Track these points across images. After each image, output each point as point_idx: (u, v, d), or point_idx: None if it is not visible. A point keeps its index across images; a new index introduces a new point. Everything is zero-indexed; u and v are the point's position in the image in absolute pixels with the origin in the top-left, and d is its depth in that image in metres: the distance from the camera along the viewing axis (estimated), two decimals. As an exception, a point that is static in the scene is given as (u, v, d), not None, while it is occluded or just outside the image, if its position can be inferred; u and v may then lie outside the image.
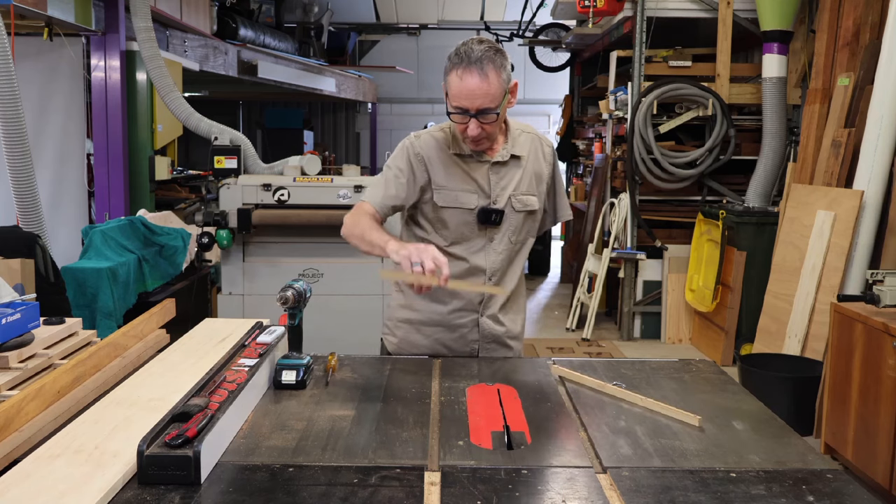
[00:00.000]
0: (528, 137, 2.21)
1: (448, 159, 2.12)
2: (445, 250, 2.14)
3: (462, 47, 1.98)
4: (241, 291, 4.25)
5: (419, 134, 2.20)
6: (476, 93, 1.95)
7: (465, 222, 2.13)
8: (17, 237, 3.55)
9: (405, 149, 2.16)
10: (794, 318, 4.55)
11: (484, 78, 1.94)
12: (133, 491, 1.28)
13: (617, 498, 1.31)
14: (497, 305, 2.21)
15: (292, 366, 1.83)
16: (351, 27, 13.14)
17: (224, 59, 7.84)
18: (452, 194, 2.11)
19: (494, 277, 2.18)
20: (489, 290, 2.14)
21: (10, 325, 1.90)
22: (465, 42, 2.00)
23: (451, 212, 2.12)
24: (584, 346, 5.95)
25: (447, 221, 2.13)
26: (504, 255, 2.17)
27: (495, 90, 1.96)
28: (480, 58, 1.94)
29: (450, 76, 1.98)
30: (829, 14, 4.97)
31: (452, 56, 1.99)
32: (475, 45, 1.97)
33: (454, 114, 2.01)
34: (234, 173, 4.39)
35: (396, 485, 1.33)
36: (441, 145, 2.14)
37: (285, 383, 1.81)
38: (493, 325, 2.22)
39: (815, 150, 4.94)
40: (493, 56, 1.96)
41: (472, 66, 1.94)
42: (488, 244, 2.15)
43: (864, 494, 1.34)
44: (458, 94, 1.97)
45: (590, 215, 6.85)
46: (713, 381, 1.96)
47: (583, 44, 7.73)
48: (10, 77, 3.82)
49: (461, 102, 1.98)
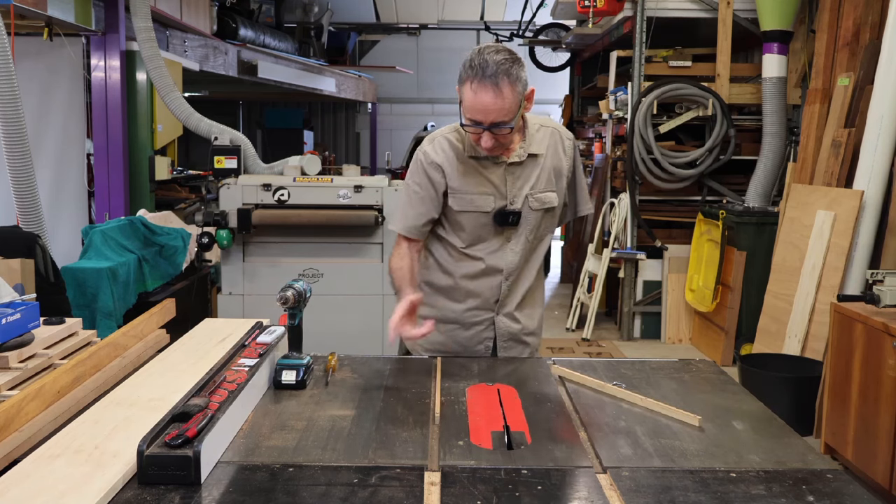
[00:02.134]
0: (547, 132, 2.16)
1: (464, 162, 2.09)
2: (462, 251, 2.15)
3: (477, 58, 1.91)
4: (241, 291, 4.25)
5: (433, 138, 2.15)
6: (490, 108, 1.91)
7: (481, 225, 2.11)
8: (17, 237, 3.55)
9: (419, 163, 2.13)
10: (794, 318, 4.55)
11: (498, 93, 1.90)
12: (133, 491, 1.28)
13: (617, 498, 1.31)
14: (514, 304, 2.20)
15: (292, 366, 1.83)
16: (351, 27, 13.14)
17: (224, 59, 7.84)
18: (468, 198, 2.09)
19: (511, 276, 2.17)
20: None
21: (10, 325, 1.90)
22: (481, 51, 1.93)
23: (468, 215, 2.11)
24: (584, 346, 5.95)
25: (464, 224, 2.12)
26: (521, 254, 2.16)
27: (510, 104, 1.92)
28: (496, 72, 1.88)
29: (464, 87, 1.94)
30: (829, 14, 4.97)
31: (467, 66, 1.93)
32: (490, 55, 1.91)
33: (468, 125, 1.97)
34: (234, 173, 4.38)
35: (396, 485, 1.33)
36: (456, 148, 2.11)
37: (285, 383, 1.81)
38: (510, 322, 2.21)
39: (815, 150, 4.94)
40: (508, 69, 1.90)
41: (486, 81, 1.89)
42: (505, 244, 2.14)
43: (864, 494, 1.34)
44: (472, 108, 1.94)
45: (590, 215, 6.85)
46: (713, 381, 1.96)
47: (583, 44, 7.73)
48: (10, 77, 3.82)
49: (475, 116, 1.94)
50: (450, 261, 2.17)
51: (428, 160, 2.11)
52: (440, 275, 2.20)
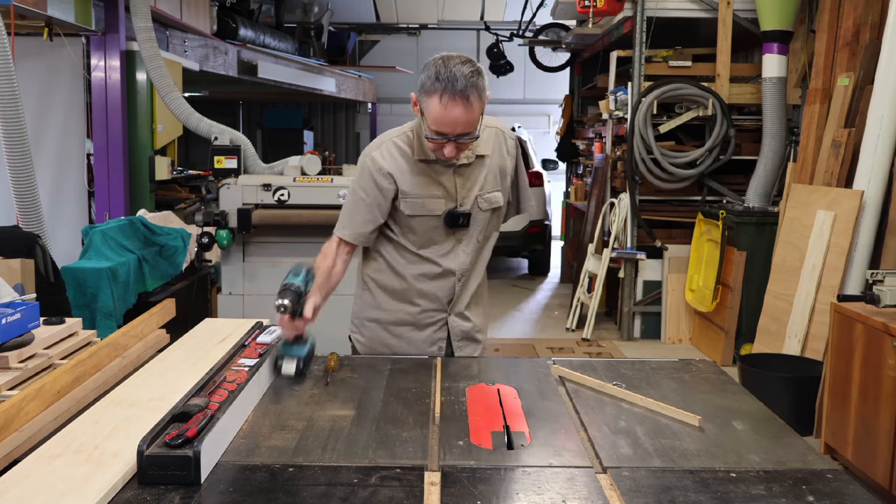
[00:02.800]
0: (492, 132, 2.16)
1: (413, 167, 2.08)
2: (416, 253, 2.14)
3: (444, 70, 1.87)
4: (241, 291, 4.25)
5: (380, 143, 2.13)
6: (459, 121, 1.90)
7: (432, 228, 2.12)
8: (17, 237, 3.55)
9: (366, 169, 2.09)
10: (794, 318, 4.55)
11: (468, 107, 1.88)
12: (133, 491, 1.28)
13: (617, 498, 1.31)
14: (464, 303, 2.22)
15: (292, 355, 1.83)
16: (351, 27, 13.13)
17: (224, 59, 7.84)
18: (419, 202, 2.09)
19: (464, 277, 2.18)
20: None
21: (10, 325, 1.90)
22: (446, 61, 1.89)
23: (419, 219, 2.10)
24: (584, 346, 5.95)
25: (415, 228, 2.12)
26: (472, 254, 2.18)
27: (477, 115, 1.92)
28: (465, 86, 1.86)
29: (430, 99, 1.90)
30: (829, 14, 4.97)
31: (433, 77, 1.88)
32: (458, 67, 1.87)
33: (432, 138, 1.94)
34: (234, 173, 4.38)
35: (396, 485, 1.33)
36: (405, 153, 2.09)
37: (284, 374, 1.81)
38: (461, 321, 2.23)
39: (815, 150, 4.94)
40: (476, 81, 1.88)
41: (456, 97, 1.86)
42: (457, 245, 2.15)
43: (864, 494, 1.34)
44: (440, 121, 1.90)
45: (590, 215, 6.85)
46: (713, 381, 1.96)
47: (583, 44, 7.73)
48: (10, 77, 3.82)
49: (443, 129, 1.92)
50: (402, 263, 2.17)
51: (376, 167, 2.08)
52: (392, 277, 2.19)
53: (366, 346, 2.26)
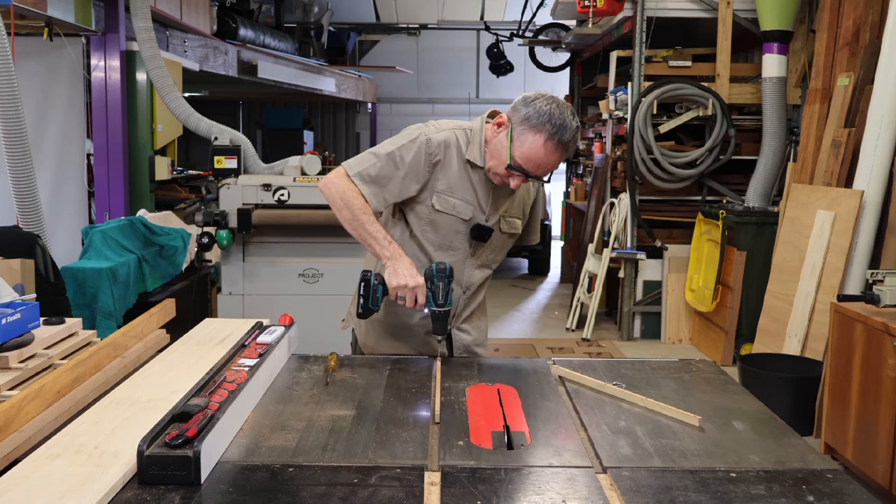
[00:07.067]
0: None
1: (459, 165, 2.08)
2: (429, 255, 2.13)
3: (558, 116, 1.93)
4: (241, 291, 4.25)
5: (441, 129, 2.09)
6: (550, 166, 1.99)
7: (455, 231, 2.12)
8: (17, 237, 3.54)
9: (420, 144, 2.04)
10: (794, 318, 4.55)
11: (563, 158, 1.99)
12: (133, 491, 1.28)
13: (617, 498, 1.31)
14: (465, 317, 2.24)
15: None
16: (351, 27, 13.13)
17: (224, 59, 7.84)
18: (451, 201, 2.09)
19: (469, 291, 2.20)
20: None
21: (10, 325, 1.89)
22: (561, 108, 1.95)
23: (445, 217, 2.10)
24: (584, 346, 5.95)
25: (438, 226, 2.11)
26: (480, 271, 2.20)
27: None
28: (570, 140, 1.95)
29: (533, 136, 1.94)
30: (829, 14, 4.97)
31: (545, 117, 1.93)
32: (569, 118, 1.95)
33: (514, 170, 1.98)
34: (234, 173, 4.38)
35: (396, 485, 1.33)
36: (459, 149, 2.08)
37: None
38: (463, 335, 2.25)
39: (815, 150, 4.94)
40: (577, 137, 1.99)
41: (560, 146, 1.95)
42: (469, 258, 2.16)
43: (864, 494, 1.34)
44: (534, 160, 1.96)
45: (590, 215, 6.85)
46: (713, 381, 1.96)
47: (583, 44, 7.73)
48: (10, 77, 3.82)
49: (533, 168, 1.98)
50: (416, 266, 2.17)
51: (429, 150, 2.05)
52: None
53: (371, 349, 2.25)
